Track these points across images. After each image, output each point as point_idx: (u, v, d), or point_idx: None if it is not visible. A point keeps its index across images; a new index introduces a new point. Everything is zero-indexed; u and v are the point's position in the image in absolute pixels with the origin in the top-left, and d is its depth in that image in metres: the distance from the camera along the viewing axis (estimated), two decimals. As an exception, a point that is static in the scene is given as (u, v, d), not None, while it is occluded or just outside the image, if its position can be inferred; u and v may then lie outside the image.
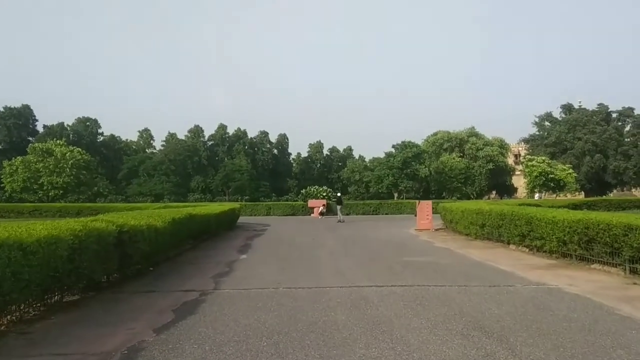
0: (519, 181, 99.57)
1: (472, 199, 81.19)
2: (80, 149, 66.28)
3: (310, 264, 12.37)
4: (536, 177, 64.34)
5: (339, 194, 37.15)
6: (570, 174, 65.22)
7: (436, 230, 22.93)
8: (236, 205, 28.79)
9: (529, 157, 69.44)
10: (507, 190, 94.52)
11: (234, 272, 11.30)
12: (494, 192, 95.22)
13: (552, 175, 64.03)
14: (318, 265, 12.23)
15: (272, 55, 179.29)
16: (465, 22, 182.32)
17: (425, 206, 23.52)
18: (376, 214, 42.86)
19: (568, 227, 11.84)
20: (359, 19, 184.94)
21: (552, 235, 12.57)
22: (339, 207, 33.90)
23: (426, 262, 12.62)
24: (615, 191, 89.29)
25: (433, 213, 23.95)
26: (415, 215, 24.15)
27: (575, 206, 30.47)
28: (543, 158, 67.25)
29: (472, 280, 9.81)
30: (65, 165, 62.67)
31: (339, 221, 31.90)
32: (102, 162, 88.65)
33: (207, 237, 20.00)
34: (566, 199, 38.26)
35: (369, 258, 13.50)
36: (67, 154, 63.12)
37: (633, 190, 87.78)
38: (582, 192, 79.69)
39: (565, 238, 12.06)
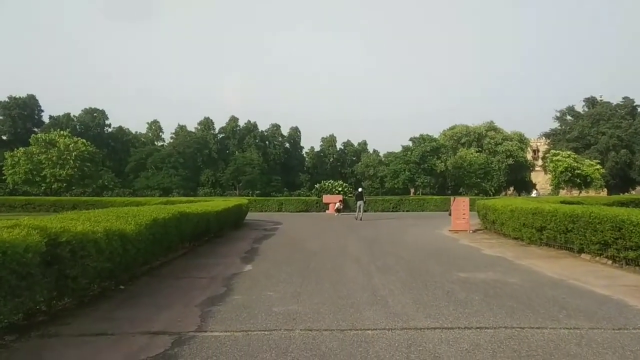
0: (537, 177, 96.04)
1: (490, 195, 77.72)
2: (84, 141, 63.39)
3: (336, 283, 9.15)
4: (562, 172, 60.88)
5: (360, 189, 32.92)
6: (598, 169, 61.66)
7: (474, 231, 19.71)
8: (243, 200, 25.57)
9: (554, 151, 65.62)
10: (526, 187, 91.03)
11: (232, 295, 8.17)
12: (511, 188, 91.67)
13: (578, 171, 60.57)
14: (346, 284, 9.02)
15: (284, 47, 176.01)
16: (486, 16, 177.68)
17: (461, 204, 20.21)
18: (396, 211, 39.58)
19: (689, 236, 8.66)
20: (372, 6, 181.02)
21: (659, 246, 9.39)
22: (359, 203, 29.92)
23: (489, 280, 9.40)
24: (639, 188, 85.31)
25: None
26: (449, 214, 20.85)
27: (622, 204, 27.17)
28: (569, 153, 63.71)
29: (577, 315, 6.66)
30: (69, 157, 59.84)
31: (357, 219, 28.65)
32: (109, 154, 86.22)
33: (209, 238, 17.03)
34: (606, 197, 34.66)
35: (412, 273, 10.27)
36: (70, 145, 60.30)
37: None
38: (605, 189, 75.83)
39: (682, 251, 8.90)
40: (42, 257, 5.59)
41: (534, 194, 54.81)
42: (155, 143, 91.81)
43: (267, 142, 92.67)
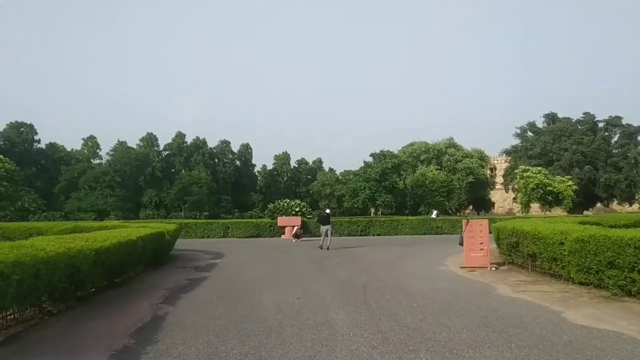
0: (495, 195, 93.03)
1: (451, 214, 73.40)
2: (1, 157, 55.39)
3: None
4: (533, 189, 57.11)
5: (327, 211, 25.83)
6: (570, 186, 58.15)
7: (496, 268, 13.94)
8: (169, 226, 18.82)
9: (523, 167, 61.92)
10: (485, 206, 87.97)
11: None
12: (470, 207, 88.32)
13: (549, 188, 56.93)
14: None
15: (237, 63, 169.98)
16: (444, 32, 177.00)
17: (477, 229, 14.29)
18: (365, 235, 33.56)
19: None
20: (328, 25, 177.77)
21: None
22: (325, 228, 23.41)
23: None
24: (599, 205, 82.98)
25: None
26: (461, 243, 14.85)
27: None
28: (539, 169, 60.09)
29: None
30: (-19, 176, 51.92)
31: (321, 247, 22.68)
32: (39, 173, 77.74)
33: (92, 292, 10.86)
34: (625, 215, 29.36)
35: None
36: (-17, 162, 52.41)
37: (622, 204, 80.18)
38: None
39: None
40: None
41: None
42: (92, 161, 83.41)
43: (216, 160, 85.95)
